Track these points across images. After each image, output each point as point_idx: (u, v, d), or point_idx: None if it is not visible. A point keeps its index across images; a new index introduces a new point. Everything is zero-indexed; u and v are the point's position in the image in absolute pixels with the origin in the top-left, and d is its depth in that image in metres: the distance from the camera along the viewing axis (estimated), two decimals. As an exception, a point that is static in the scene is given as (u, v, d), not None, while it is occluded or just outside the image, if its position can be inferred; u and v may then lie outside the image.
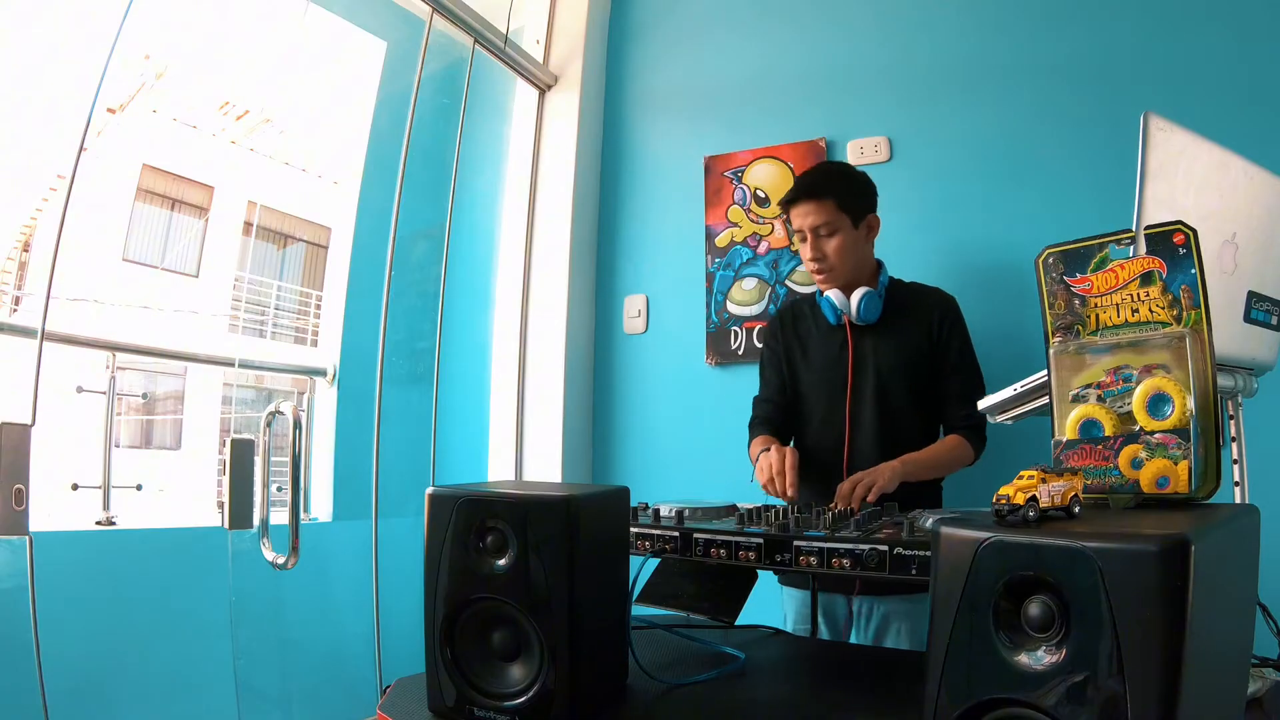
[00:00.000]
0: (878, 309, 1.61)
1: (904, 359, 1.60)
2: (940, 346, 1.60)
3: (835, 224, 1.59)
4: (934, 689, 0.64)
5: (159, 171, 7.26)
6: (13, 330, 1.58)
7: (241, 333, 7.40)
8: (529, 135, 2.52)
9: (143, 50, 6.58)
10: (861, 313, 1.60)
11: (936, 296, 1.66)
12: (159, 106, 7.04)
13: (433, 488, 0.90)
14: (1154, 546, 0.54)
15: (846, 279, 1.63)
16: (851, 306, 1.60)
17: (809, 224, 1.60)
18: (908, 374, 1.59)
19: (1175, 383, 0.74)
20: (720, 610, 1.13)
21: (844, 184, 1.63)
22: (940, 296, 1.66)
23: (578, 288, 2.43)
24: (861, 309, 1.60)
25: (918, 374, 1.60)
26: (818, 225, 1.59)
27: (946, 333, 1.60)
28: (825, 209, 1.59)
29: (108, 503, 1.88)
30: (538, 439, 2.39)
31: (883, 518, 1.10)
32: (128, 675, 1.65)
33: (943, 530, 0.66)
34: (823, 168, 1.73)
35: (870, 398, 1.60)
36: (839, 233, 1.60)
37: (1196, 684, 0.55)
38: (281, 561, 1.66)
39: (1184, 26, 1.84)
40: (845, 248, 1.61)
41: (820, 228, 1.59)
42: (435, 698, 0.88)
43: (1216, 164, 0.88)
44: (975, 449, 1.57)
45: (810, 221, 1.60)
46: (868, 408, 1.60)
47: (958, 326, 1.63)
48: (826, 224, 1.59)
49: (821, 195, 1.59)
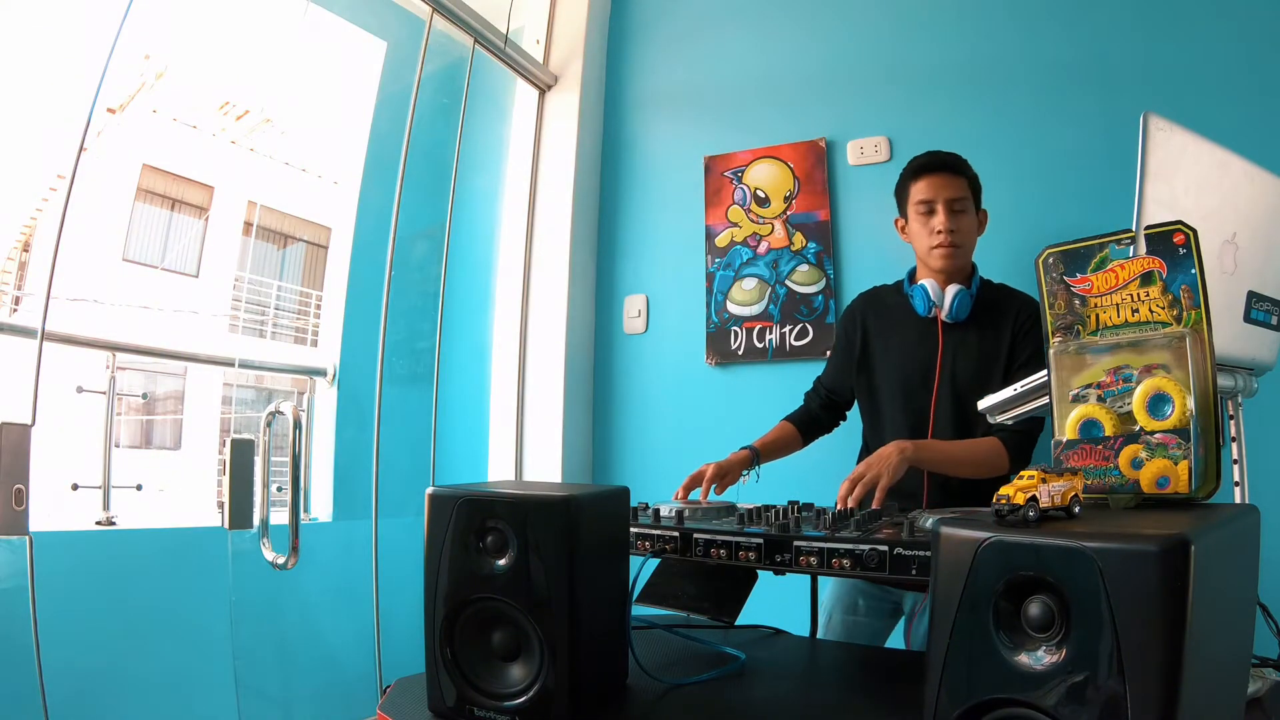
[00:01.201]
0: (969, 308, 1.57)
1: (986, 362, 1.55)
2: (1014, 348, 1.55)
3: (967, 202, 1.58)
4: (934, 689, 0.64)
5: (159, 171, 7.26)
6: (13, 330, 1.58)
7: (241, 333, 7.40)
8: (529, 135, 2.52)
9: (143, 50, 6.58)
10: (954, 310, 1.56)
11: (1023, 300, 1.60)
12: (159, 106, 7.04)
13: (433, 488, 0.90)
14: (1154, 546, 0.54)
15: (964, 261, 1.59)
16: (946, 301, 1.56)
17: (945, 195, 1.56)
18: (986, 376, 1.53)
19: (1175, 383, 0.74)
20: (720, 610, 1.13)
21: (972, 171, 1.62)
22: (1026, 301, 1.60)
23: (578, 288, 2.43)
24: (954, 306, 1.55)
25: (995, 376, 1.54)
26: (953, 198, 1.56)
27: (1026, 338, 1.55)
28: (961, 184, 1.57)
29: (108, 503, 1.88)
30: (538, 439, 2.39)
31: (883, 517, 1.10)
32: (128, 675, 1.65)
33: (943, 530, 0.66)
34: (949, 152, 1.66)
35: (950, 398, 1.55)
36: (968, 212, 1.58)
37: (1196, 684, 0.55)
38: (281, 562, 1.66)
39: (1184, 26, 1.85)
40: (971, 229, 1.59)
41: (955, 201, 1.56)
42: (435, 698, 0.88)
43: (1216, 164, 0.88)
44: (1011, 457, 1.46)
45: (947, 194, 1.56)
46: (948, 408, 1.55)
47: (1037, 333, 1.54)
48: (961, 199, 1.57)
49: (959, 171, 1.58)
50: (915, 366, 1.58)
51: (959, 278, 1.58)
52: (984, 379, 1.51)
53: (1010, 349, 1.54)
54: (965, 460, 1.46)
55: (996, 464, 1.46)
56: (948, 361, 1.56)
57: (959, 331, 1.57)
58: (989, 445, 1.46)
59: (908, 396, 1.59)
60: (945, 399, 1.55)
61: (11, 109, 6.07)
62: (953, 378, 1.55)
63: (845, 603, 1.64)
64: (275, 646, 1.90)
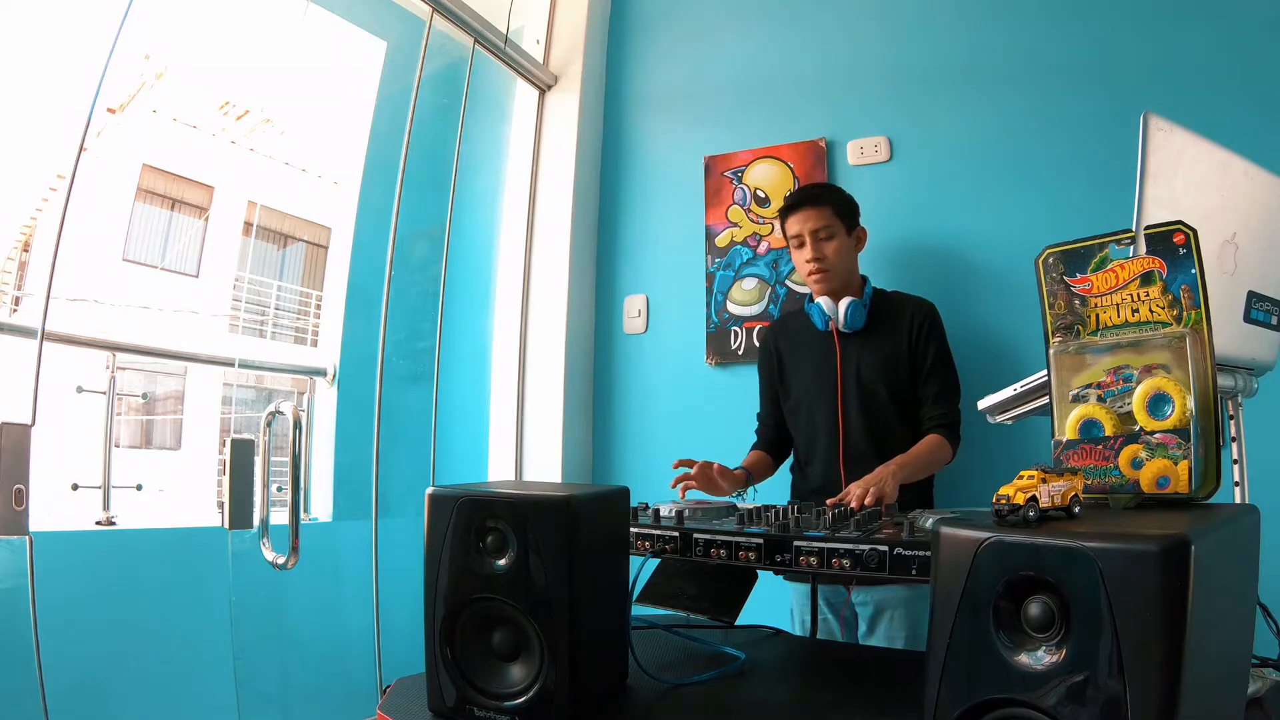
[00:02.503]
0: (863, 317, 1.71)
1: (886, 364, 1.69)
2: (918, 351, 1.69)
3: (833, 228, 1.72)
4: (934, 689, 0.64)
5: (159, 171, 7.26)
6: (13, 330, 1.58)
7: (241, 333, 7.40)
8: (529, 135, 2.52)
9: (143, 50, 6.58)
10: (848, 320, 1.70)
11: (914, 304, 1.75)
12: (159, 106, 7.04)
13: (433, 488, 0.90)
14: (1154, 546, 0.54)
15: (841, 281, 1.74)
16: (839, 314, 1.70)
17: (809, 227, 1.72)
18: (890, 378, 1.68)
19: (1175, 383, 0.74)
20: (720, 610, 1.13)
21: (839, 195, 1.77)
22: (918, 304, 1.75)
23: (578, 288, 2.43)
24: (848, 316, 1.70)
25: (899, 378, 1.69)
26: (817, 228, 1.71)
27: (924, 338, 1.70)
28: (824, 214, 1.72)
29: (108, 503, 1.87)
30: (538, 439, 2.39)
31: (883, 518, 1.10)
32: (128, 675, 1.65)
33: (943, 530, 0.66)
34: (816, 184, 1.88)
35: (857, 400, 1.69)
36: (836, 237, 1.72)
37: (1196, 684, 0.55)
38: (281, 561, 1.66)
39: (1184, 26, 1.84)
40: (841, 251, 1.73)
41: (820, 230, 1.71)
42: (435, 698, 0.88)
43: (1216, 164, 0.88)
44: (953, 446, 1.65)
45: (810, 225, 1.72)
46: (855, 410, 1.69)
47: (935, 331, 1.72)
48: (825, 227, 1.71)
49: (820, 202, 1.73)
50: (822, 376, 1.73)
51: (848, 292, 1.73)
52: (887, 379, 1.68)
53: (911, 350, 1.69)
54: (930, 462, 1.62)
55: (946, 455, 1.63)
56: (849, 367, 1.71)
57: (857, 339, 1.72)
58: (937, 443, 1.62)
59: (821, 405, 1.73)
60: (852, 401, 1.69)
61: (11, 109, 6.07)
62: (856, 381, 1.70)
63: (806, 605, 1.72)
64: (275, 646, 1.90)
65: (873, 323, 1.72)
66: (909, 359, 1.69)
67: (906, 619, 1.62)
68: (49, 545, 1.38)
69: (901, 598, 1.63)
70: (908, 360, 1.69)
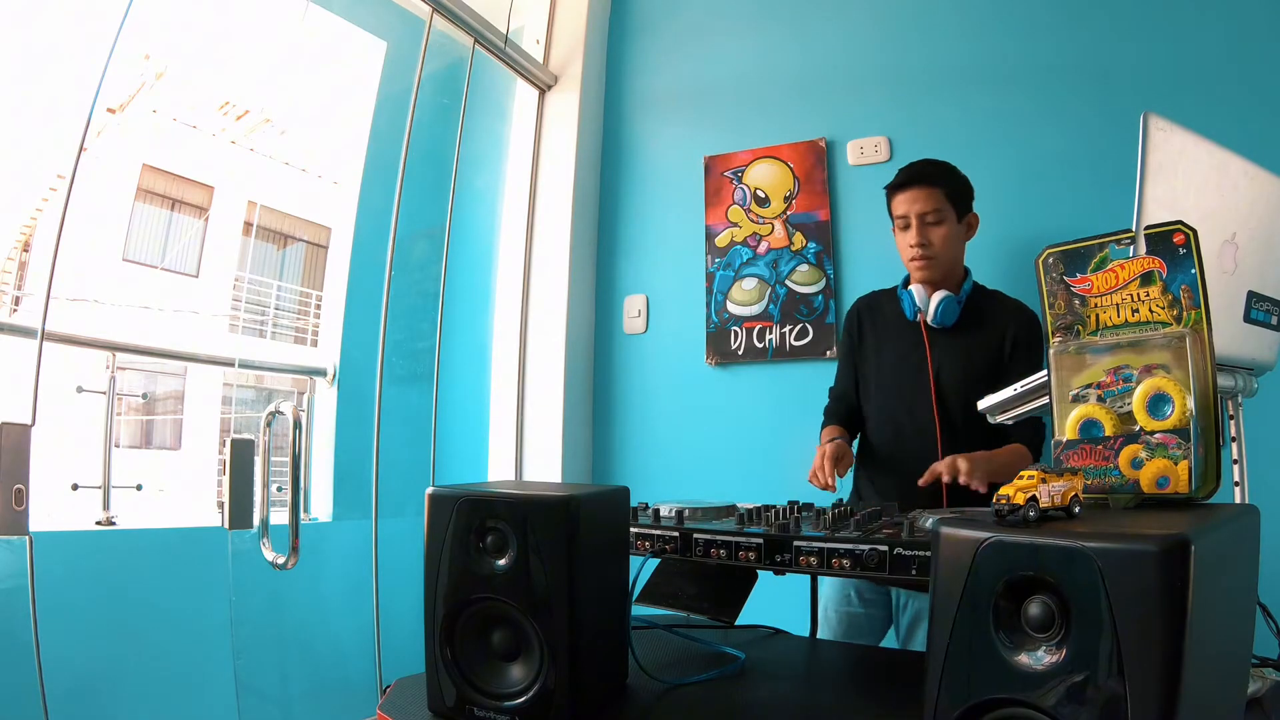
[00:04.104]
0: (955, 314, 1.60)
1: (972, 367, 1.57)
2: (1010, 360, 1.57)
3: (943, 212, 1.60)
4: (934, 689, 0.64)
5: (159, 171, 7.26)
6: (13, 330, 1.58)
7: (241, 333, 7.40)
8: (529, 135, 2.52)
9: (143, 50, 6.58)
10: (938, 316, 1.59)
11: (1016, 309, 1.62)
12: (159, 106, 7.04)
13: (433, 488, 0.90)
14: (1154, 546, 0.54)
15: (944, 270, 1.62)
16: (930, 307, 1.59)
17: (917, 209, 1.60)
18: (972, 383, 1.53)
19: (1175, 383, 0.74)
20: (720, 610, 1.13)
21: (953, 176, 1.64)
22: (1018, 310, 1.62)
23: (578, 288, 2.43)
24: (939, 312, 1.59)
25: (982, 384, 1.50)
26: (925, 211, 1.59)
27: (1020, 349, 1.57)
28: (935, 196, 1.60)
29: (108, 503, 1.87)
30: (538, 439, 2.39)
31: (883, 517, 1.10)
32: (128, 675, 1.65)
33: (943, 530, 0.66)
34: (930, 161, 1.70)
35: (935, 401, 1.58)
36: (945, 223, 1.60)
37: (1196, 684, 0.55)
38: (281, 561, 1.66)
39: (1184, 26, 1.85)
40: (949, 238, 1.61)
41: (928, 214, 1.60)
42: (435, 698, 0.88)
43: (1216, 164, 0.88)
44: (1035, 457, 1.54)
45: (919, 208, 1.60)
46: (933, 411, 1.58)
47: (1033, 344, 1.58)
48: (935, 211, 1.59)
49: (933, 183, 1.60)
50: (904, 369, 1.63)
51: (947, 284, 1.62)
52: (972, 383, 1.53)
53: (1003, 359, 1.57)
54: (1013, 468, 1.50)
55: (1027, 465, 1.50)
56: (935, 366, 1.60)
57: (946, 336, 1.61)
58: (1020, 452, 1.50)
59: (897, 397, 1.64)
60: (931, 402, 1.59)
61: (11, 109, 6.07)
62: (938, 381, 1.59)
63: (839, 596, 1.68)
64: (275, 646, 1.90)
65: (966, 321, 1.60)
66: (998, 368, 1.55)
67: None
68: (49, 545, 1.38)
69: None
70: (996, 368, 1.55)
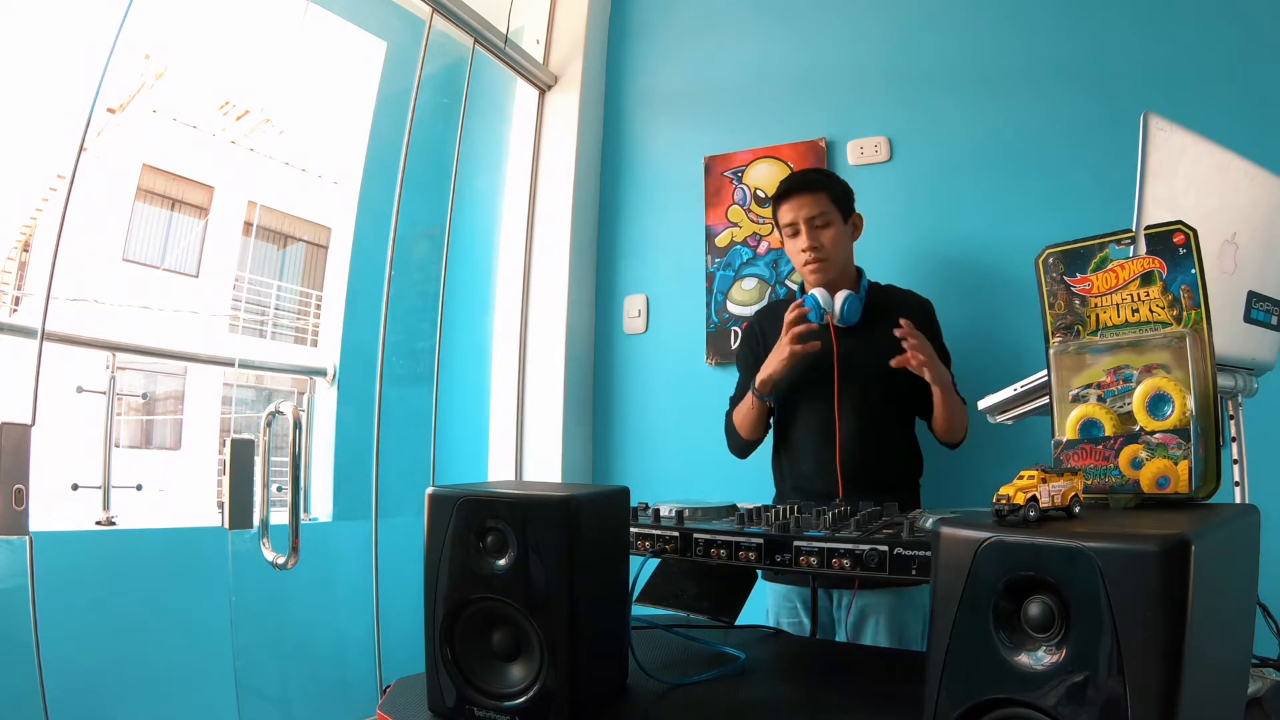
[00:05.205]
0: (859, 311, 1.65)
1: (881, 358, 1.60)
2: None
3: (829, 215, 1.67)
4: (934, 689, 0.64)
5: (159, 171, 7.26)
6: (13, 330, 1.58)
7: (241, 333, 7.41)
8: (529, 135, 2.52)
9: (143, 50, 6.58)
10: (844, 314, 1.63)
11: (913, 300, 1.71)
12: (159, 106, 7.04)
13: (433, 488, 0.90)
14: (1154, 546, 0.54)
15: (838, 271, 1.69)
16: (835, 307, 1.63)
17: (804, 215, 1.66)
18: (886, 376, 1.58)
19: (1175, 383, 0.74)
20: (720, 610, 1.13)
21: (834, 181, 1.72)
22: (916, 300, 1.72)
23: (578, 288, 2.43)
24: (845, 310, 1.63)
25: (896, 377, 1.59)
26: (813, 215, 1.66)
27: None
28: (820, 200, 1.66)
29: (108, 503, 1.87)
30: (538, 439, 2.39)
31: (883, 518, 1.10)
32: (128, 675, 1.65)
33: (943, 530, 0.66)
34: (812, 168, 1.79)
35: (852, 397, 1.63)
36: (832, 225, 1.67)
37: (1196, 684, 0.55)
38: (281, 561, 1.66)
39: (1184, 26, 1.84)
40: (838, 239, 1.67)
41: (815, 218, 1.66)
42: (435, 698, 0.88)
43: (1216, 164, 0.88)
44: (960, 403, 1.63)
45: (805, 213, 1.66)
46: (850, 407, 1.63)
47: (933, 329, 1.69)
48: (821, 214, 1.66)
49: (816, 189, 1.67)
50: (815, 370, 1.65)
51: (844, 284, 1.67)
52: (885, 376, 1.58)
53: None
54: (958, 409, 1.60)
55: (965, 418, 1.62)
56: (844, 363, 1.64)
57: (852, 334, 1.66)
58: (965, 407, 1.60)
59: (815, 401, 1.67)
60: (847, 399, 1.63)
61: (11, 109, 6.07)
62: (850, 377, 1.64)
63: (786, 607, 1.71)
64: (275, 646, 1.90)
65: (869, 317, 1.65)
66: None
67: (892, 624, 1.59)
68: (49, 545, 1.38)
69: (886, 603, 1.60)
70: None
